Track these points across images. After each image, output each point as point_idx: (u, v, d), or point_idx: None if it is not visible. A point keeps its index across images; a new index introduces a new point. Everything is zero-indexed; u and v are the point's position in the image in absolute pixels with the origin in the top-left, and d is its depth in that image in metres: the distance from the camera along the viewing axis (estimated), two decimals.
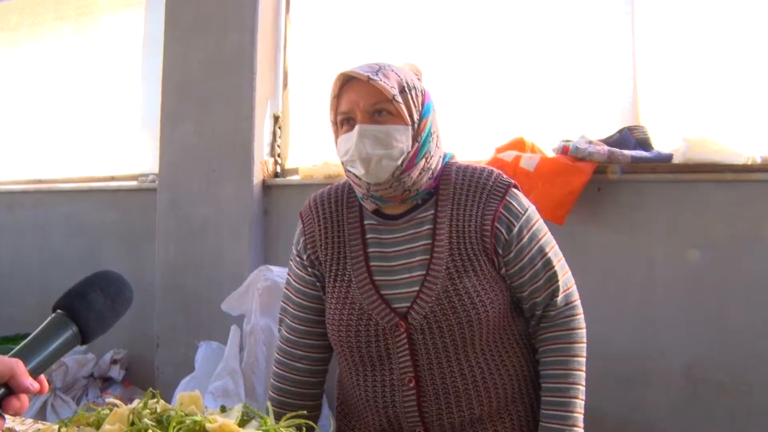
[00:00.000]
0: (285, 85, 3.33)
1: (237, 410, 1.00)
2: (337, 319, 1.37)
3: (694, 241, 2.38)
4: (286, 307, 1.49)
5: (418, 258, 1.35)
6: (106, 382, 3.55)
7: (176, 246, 3.38)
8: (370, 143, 1.29)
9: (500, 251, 1.34)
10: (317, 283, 1.45)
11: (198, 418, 0.93)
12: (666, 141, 2.50)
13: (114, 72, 3.92)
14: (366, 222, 1.41)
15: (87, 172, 3.97)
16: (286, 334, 1.48)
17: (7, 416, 0.77)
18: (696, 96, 2.51)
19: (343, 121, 1.35)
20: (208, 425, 0.91)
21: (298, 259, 1.48)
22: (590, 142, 2.46)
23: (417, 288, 1.32)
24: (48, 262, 3.94)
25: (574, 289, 1.42)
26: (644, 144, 2.48)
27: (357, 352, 1.36)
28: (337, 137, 1.38)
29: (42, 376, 0.80)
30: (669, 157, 2.41)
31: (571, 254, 1.43)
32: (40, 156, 4.21)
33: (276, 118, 3.30)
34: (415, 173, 1.32)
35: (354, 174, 1.35)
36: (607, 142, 2.49)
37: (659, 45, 2.57)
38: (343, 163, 1.37)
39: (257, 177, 3.20)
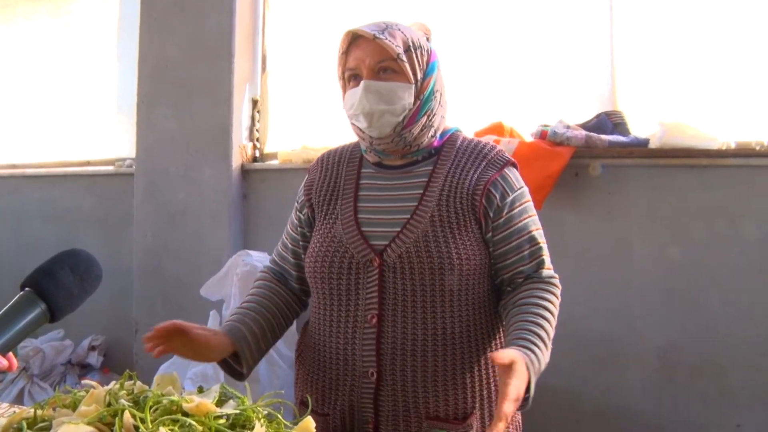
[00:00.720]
0: (264, 69, 3.31)
1: (214, 391, 1.00)
2: (316, 250, 1.43)
3: (670, 225, 2.41)
4: (279, 243, 1.59)
5: (406, 204, 1.40)
6: (84, 368, 3.53)
7: (154, 231, 3.36)
8: (373, 98, 1.36)
9: (491, 214, 1.38)
10: (298, 228, 1.52)
11: (175, 398, 0.93)
12: (643, 126, 2.53)
13: (89, 55, 3.86)
14: (363, 170, 1.48)
15: (63, 157, 3.92)
16: (270, 264, 1.59)
17: None
18: (672, 82, 2.54)
19: (350, 77, 1.41)
20: (185, 405, 0.91)
21: (296, 203, 1.56)
22: (568, 127, 2.49)
23: (398, 229, 1.37)
24: (24, 248, 3.89)
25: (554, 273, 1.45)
26: (621, 129, 2.51)
27: (328, 283, 1.40)
28: (344, 92, 1.44)
29: (10, 354, 0.80)
30: (645, 142, 2.44)
31: (548, 238, 1.45)
32: (14, 141, 4.15)
33: (255, 103, 3.28)
34: (416, 129, 1.39)
35: (358, 127, 1.42)
36: (585, 126, 2.52)
37: (637, 32, 2.59)
38: (348, 117, 1.44)
39: (236, 161, 3.19)
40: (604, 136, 2.44)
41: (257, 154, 3.30)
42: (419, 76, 1.39)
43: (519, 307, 1.35)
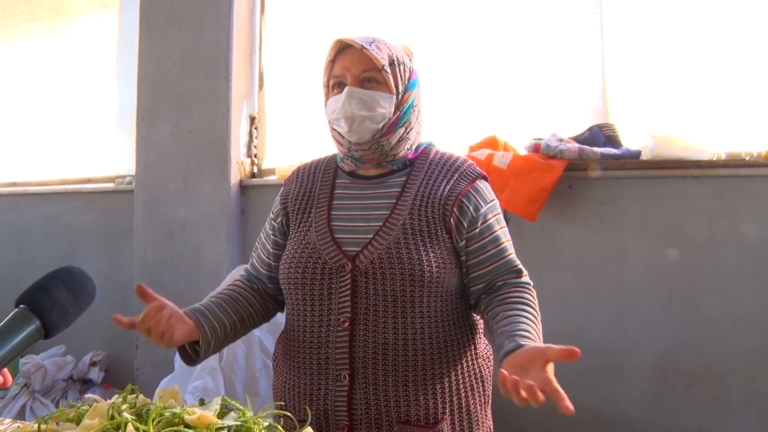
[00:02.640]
0: (261, 86, 3.35)
1: (215, 403, 1.02)
2: (290, 257, 1.46)
3: (663, 235, 2.43)
4: (253, 253, 1.63)
5: (379, 212, 1.44)
6: (86, 384, 3.53)
7: (154, 247, 3.38)
8: (356, 104, 1.42)
9: (464, 225, 1.42)
10: (271, 236, 1.56)
11: (177, 410, 0.95)
12: (635, 138, 2.56)
13: (89, 73, 3.90)
14: (338, 181, 1.53)
15: (63, 174, 3.95)
16: (248, 266, 1.64)
17: None
18: (663, 95, 2.57)
19: (335, 85, 1.47)
20: (187, 417, 0.93)
21: (271, 213, 1.61)
22: (561, 140, 2.51)
23: (371, 236, 1.41)
24: (24, 265, 3.91)
25: None
26: (613, 141, 2.54)
27: (302, 289, 1.43)
28: (327, 99, 1.49)
29: (5, 370, 0.81)
30: (637, 153, 2.46)
31: (543, 250, 1.48)
32: (15, 158, 4.18)
33: (252, 119, 3.32)
34: (393, 139, 1.45)
35: (338, 132, 1.47)
36: (578, 139, 2.54)
37: (627, 45, 2.63)
38: (329, 123, 1.49)
39: (234, 177, 3.21)
40: (596, 149, 2.47)
41: (255, 170, 3.33)
42: (401, 88, 1.45)
43: (507, 304, 1.38)
